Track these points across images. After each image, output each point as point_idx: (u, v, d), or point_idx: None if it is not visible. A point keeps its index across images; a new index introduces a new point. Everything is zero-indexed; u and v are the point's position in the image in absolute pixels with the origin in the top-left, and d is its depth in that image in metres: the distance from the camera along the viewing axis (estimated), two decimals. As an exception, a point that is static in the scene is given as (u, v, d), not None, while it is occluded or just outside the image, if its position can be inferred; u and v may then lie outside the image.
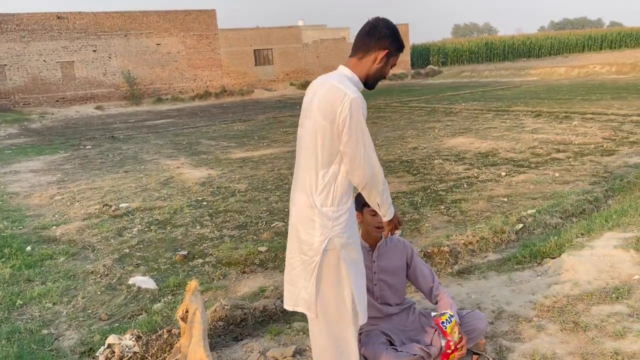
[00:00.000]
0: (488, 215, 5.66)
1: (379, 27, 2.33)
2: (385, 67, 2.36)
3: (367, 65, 2.34)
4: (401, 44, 2.38)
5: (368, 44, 2.32)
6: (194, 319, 2.92)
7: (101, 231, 6.13)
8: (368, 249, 2.78)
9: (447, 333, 2.48)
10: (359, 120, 2.19)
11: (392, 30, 2.34)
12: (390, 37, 2.33)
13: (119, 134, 16.43)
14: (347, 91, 2.20)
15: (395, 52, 2.35)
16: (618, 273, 3.52)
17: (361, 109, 2.20)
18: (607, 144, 9.00)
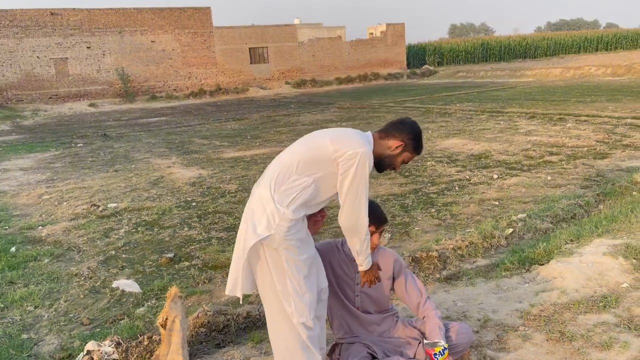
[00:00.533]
0: (478, 219, 5.62)
1: (406, 123, 2.56)
2: (396, 158, 2.54)
3: (383, 146, 2.51)
4: (419, 146, 2.58)
5: (391, 131, 2.53)
6: (173, 327, 2.85)
7: (88, 232, 6.05)
8: (352, 260, 2.71)
9: None
10: (364, 174, 2.35)
11: (415, 132, 2.55)
12: (410, 134, 2.53)
13: (111, 132, 16.32)
14: (363, 142, 2.38)
15: (411, 149, 2.55)
16: (606, 281, 3.47)
17: (368, 164, 2.35)
18: (600, 147, 8.98)
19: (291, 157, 2.43)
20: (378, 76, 36.28)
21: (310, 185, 2.35)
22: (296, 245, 2.36)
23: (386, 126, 2.56)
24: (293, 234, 2.35)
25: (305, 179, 2.36)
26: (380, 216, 2.60)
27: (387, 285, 2.74)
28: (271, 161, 2.60)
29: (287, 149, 2.56)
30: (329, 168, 2.36)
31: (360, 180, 2.34)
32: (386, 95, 23.97)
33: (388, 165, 2.55)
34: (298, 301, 2.37)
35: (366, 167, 2.33)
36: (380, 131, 2.55)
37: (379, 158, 2.50)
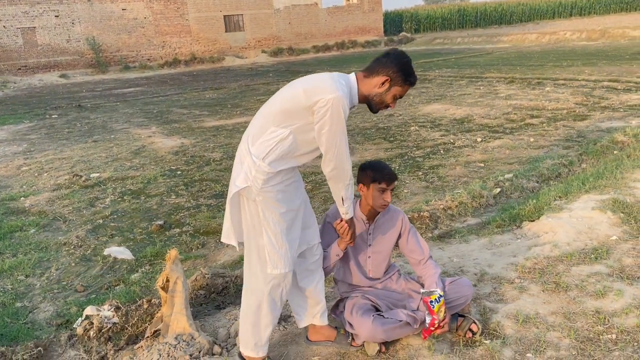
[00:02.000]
0: (466, 180, 5.68)
1: (390, 55, 2.40)
2: (385, 95, 2.39)
3: (369, 85, 2.39)
4: (408, 77, 2.39)
5: (375, 67, 2.39)
6: (175, 288, 2.85)
7: (72, 202, 5.96)
8: (365, 222, 2.73)
9: (434, 312, 2.46)
10: (339, 119, 2.25)
11: (402, 63, 2.37)
12: (396, 67, 2.36)
13: (86, 103, 15.94)
14: (336, 87, 2.26)
15: (400, 83, 2.38)
16: (596, 234, 3.57)
17: (342, 109, 2.24)
18: (579, 109, 9.10)
19: (269, 109, 2.39)
20: (355, 44, 35.94)
21: (287, 137, 2.31)
22: (275, 198, 2.36)
23: (371, 63, 2.41)
24: (272, 187, 2.34)
25: (282, 130, 2.31)
26: (390, 173, 2.61)
27: (394, 242, 2.78)
28: None
29: (267, 101, 2.51)
30: (305, 118, 2.30)
31: (336, 126, 2.26)
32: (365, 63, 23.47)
33: (378, 104, 2.42)
34: (272, 252, 2.38)
35: (340, 112, 2.24)
36: (365, 69, 2.42)
37: (366, 99, 2.41)
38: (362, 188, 2.66)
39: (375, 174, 2.60)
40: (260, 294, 2.47)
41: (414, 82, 2.43)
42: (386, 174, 2.60)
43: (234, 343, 2.80)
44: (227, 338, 2.87)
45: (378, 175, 2.59)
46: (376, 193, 2.59)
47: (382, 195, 2.58)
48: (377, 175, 2.59)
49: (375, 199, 2.60)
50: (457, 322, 2.64)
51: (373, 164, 2.69)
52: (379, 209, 2.63)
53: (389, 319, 2.52)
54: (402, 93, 2.42)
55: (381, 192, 2.58)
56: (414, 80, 2.42)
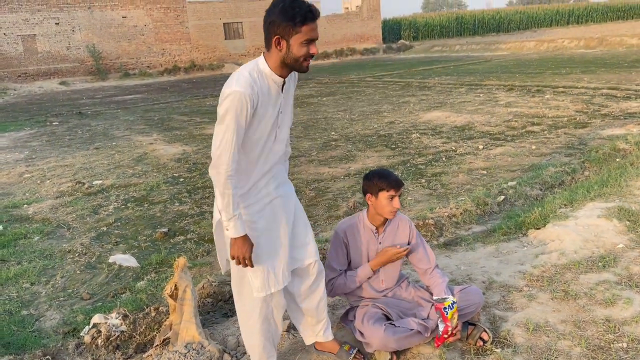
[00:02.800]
0: (469, 187, 5.70)
1: (265, 15, 2.13)
2: (292, 50, 2.11)
3: (274, 55, 2.15)
4: (293, 15, 2.05)
5: (265, 32, 2.15)
6: (184, 297, 2.84)
7: (75, 209, 5.95)
8: (374, 231, 2.74)
9: (448, 319, 2.46)
10: (231, 114, 2.06)
11: (277, 10, 2.07)
12: (275, 18, 2.07)
13: (86, 110, 15.95)
14: (236, 81, 2.10)
15: (292, 31, 2.07)
16: (603, 242, 3.58)
17: (239, 104, 2.05)
18: (579, 117, 9.14)
19: None
20: (354, 51, 36.07)
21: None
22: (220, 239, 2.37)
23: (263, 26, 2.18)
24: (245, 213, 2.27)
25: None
26: (397, 179, 2.62)
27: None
28: None
29: None
30: None
31: (224, 119, 2.07)
32: (364, 70, 23.89)
33: (296, 64, 2.13)
34: (254, 277, 2.33)
35: (233, 107, 2.04)
36: (265, 43, 2.18)
37: (285, 66, 2.15)
38: (370, 198, 2.66)
39: (382, 182, 2.60)
40: (253, 318, 2.45)
41: (307, 18, 2.07)
42: (393, 180, 2.61)
43: (244, 351, 2.80)
44: (237, 346, 2.86)
45: (385, 183, 2.60)
46: (385, 201, 2.60)
47: (392, 202, 2.59)
48: (384, 183, 2.60)
49: (385, 207, 2.61)
50: (467, 331, 2.64)
51: (377, 172, 2.69)
52: (389, 215, 2.64)
53: (401, 327, 2.52)
54: (308, 36, 2.09)
55: (390, 199, 2.59)
56: (303, 17, 2.05)
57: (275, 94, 2.22)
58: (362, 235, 2.71)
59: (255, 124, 2.18)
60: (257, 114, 2.16)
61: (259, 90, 2.12)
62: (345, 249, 2.72)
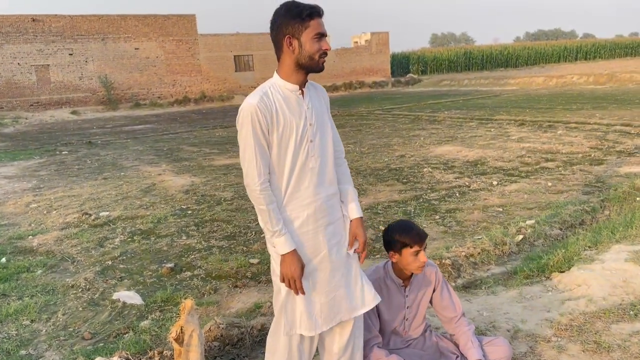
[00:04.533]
0: (485, 225, 5.52)
1: (271, 24, 2.12)
2: (305, 48, 2.07)
3: (287, 60, 2.12)
4: (299, 12, 2.04)
5: (274, 42, 2.15)
6: (190, 342, 2.67)
7: (81, 241, 5.82)
8: (401, 285, 2.57)
9: None
10: (245, 128, 2.10)
11: (281, 11, 2.07)
12: (282, 20, 2.07)
13: (96, 140, 16.00)
14: (249, 97, 2.13)
15: (300, 28, 2.05)
16: (632, 288, 3.38)
17: (248, 116, 2.07)
18: (594, 153, 8.99)
19: None
20: (363, 84, 36.36)
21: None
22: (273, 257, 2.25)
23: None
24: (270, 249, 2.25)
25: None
26: (420, 233, 2.43)
27: (429, 299, 2.61)
28: None
29: None
30: None
31: (241, 134, 2.11)
32: (373, 103, 23.97)
33: (310, 62, 2.10)
34: (288, 312, 2.24)
35: (247, 120, 2.06)
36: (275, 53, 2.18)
37: (300, 67, 2.12)
38: (393, 255, 2.48)
39: (404, 238, 2.40)
40: (277, 355, 2.30)
41: (314, 13, 2.05)
42: (415, 234, 2.41)
43: (253, 403, 2.61)
44: (246, 397, 2.67)
45: (407, 238, 2.40)
46: (410, 257, 2.41)
47: (417, 257, 2.41)
48: (407, 240, 2.40)
49: (411, 264, 2.43)
50: (495, 386, 2.45)
51: (397, 226, 2.49)
52: (416, 271, 2.46)
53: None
54: (317, 30, 2.06)
55: (415, 255, 2.41)
56: (309, 12, 2.04)
57: (296, 103, 2.16)
58: (391, 290, 2.54)
59: (278, 135, 2.12)
60: (278, 123, 2.11)
61: (273, 99, 2.12)
62: (376, 306, 2.54)
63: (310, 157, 2.18)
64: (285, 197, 2.19)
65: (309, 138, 2.18)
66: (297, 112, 2.15)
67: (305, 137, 2.17)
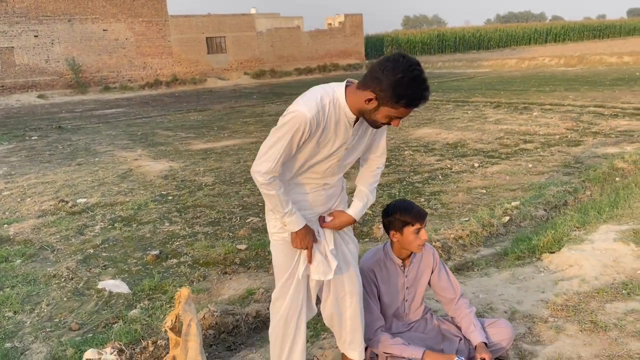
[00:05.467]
0: (470, 207, 5.56)
1: (385, 65, 1.94)
2: (374, 114, 2.01)
3: (358, 99, 2.02)
4: (401, 99, 1.92)
5: (367, 77, 2.00)
6: (189, 331, 2.61)
7: (59, 229, 5.65)
8: (400, 265, 2.56)
9: None
10: (285, 128, 2.05)
11: (395, 80, 1.90)
12: (386, 83, 1.91)
13: (66, 124, 15.55)
14: (302, 103, 2.06)
15: (389, 103, 1.94)
16: (623, 268, 3.44)
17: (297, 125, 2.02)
18: (571, 135, 9.13)
19: None
20: (337, 67, 36.18)
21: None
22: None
23: (368, 69, 2.03)
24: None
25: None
26: (420, 212, 2.44)
27: (428, 280, 2.60)
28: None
29: None
30: None
31: (279, 131, 2.06)
32: (348, 86, 23.84)
33: (371, 122, 2.07)
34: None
35: (293, 127, 2.01)
36: (361, 78, 2.04)
37: (360, 113, 2.06)
38: (394, 235, 2.47)
39: (405, 217, 2.42)
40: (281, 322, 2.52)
41: (412, 104, 1.96)
42: (416, 213, 2.43)
43: (255, 392, 2.57)
44: (247, 386, 2.63)
45: (409, 217, 2.42)
46: (412, 236, 2.41)
47: (418, 235, 2.41)
48: (408, 218, 2.41)
49: (412, 242, 2.43)
50: (499, 368, 2.46)
51: (398, 205, 2.49)
52: (417, 250, 2.46)
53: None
54: (399, 115, 1.99)
55: (416, 233, 2.41)
56: (409, 101, 1.94)
57: (344, 128, 2.12)
58: (390, 271, 2.52)
59: (312, 145, 2.12)
60: (319, 137, 2.09)
61: (326, 118, 2.05)
62: (376, 288, 2.52)
63: (328, 169, 2.25)
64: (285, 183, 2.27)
65: (338, 157, 2.22)
66: (342, 135, 2.15)
67: (336, 156, 2.20)
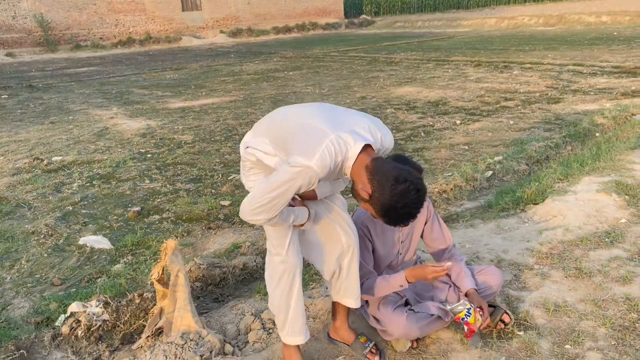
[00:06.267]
0: (453, 163, 5.57)
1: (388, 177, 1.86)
2: (360, 202, 1.98)
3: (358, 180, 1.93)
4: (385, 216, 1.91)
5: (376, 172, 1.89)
6: (176, 282, 2.58)
7: (36, 187, 5.51)
8: None
9: (472, 324, 2.24)
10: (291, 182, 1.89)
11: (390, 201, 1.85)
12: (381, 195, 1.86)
13: (37, 83, 15.04)
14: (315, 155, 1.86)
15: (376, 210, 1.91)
16: (605, 217, 3.49)
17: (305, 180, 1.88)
18: (551, 92, 9.16)
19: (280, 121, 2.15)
20: (316, 26, 35.50)
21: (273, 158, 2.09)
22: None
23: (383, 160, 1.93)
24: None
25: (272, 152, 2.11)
26: (416, 165, 2.35)
27: (421, 231, 2.58)
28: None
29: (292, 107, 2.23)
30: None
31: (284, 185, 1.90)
32: (328, 45, 23.49)
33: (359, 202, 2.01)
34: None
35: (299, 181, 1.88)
36: (373, 160, 1.90)
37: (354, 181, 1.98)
38: None
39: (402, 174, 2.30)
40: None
41: (393, 224, 1.95)
42: (409, 165, 2.26)
43: (245, 340, 2.56)
44: (237, 335, 2.62)
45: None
46: None
47: None
48: None
49: None
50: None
51: (393, 158, 2.36)
52: None
53: (422, 313, 2.32)
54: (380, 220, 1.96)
55: None
56: (391, 222, 1.93)
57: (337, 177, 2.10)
58: (384, 225, 2.47)
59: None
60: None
61: (330, 172, 1.93)
62: (370, 243, 2.48)
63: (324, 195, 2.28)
64: None
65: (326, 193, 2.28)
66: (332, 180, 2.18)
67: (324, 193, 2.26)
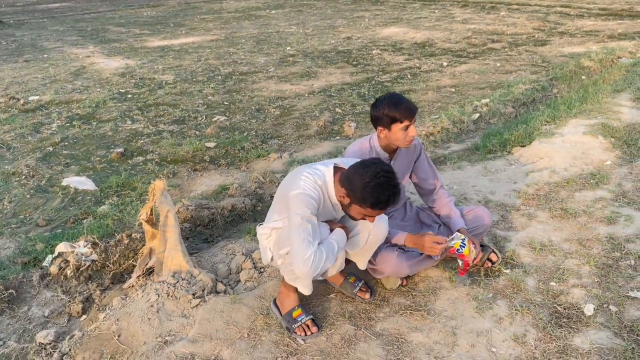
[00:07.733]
0: (440, 105, 5.53)
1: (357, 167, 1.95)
2: (348, 209, 2.02)
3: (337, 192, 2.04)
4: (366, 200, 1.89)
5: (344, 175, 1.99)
6: (166, 222, 2.56)
7: (13, 127, 5.35)
8: (386, 159, 2.44)
9: (466, 255, 2.26)
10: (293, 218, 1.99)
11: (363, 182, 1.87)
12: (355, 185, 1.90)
13: (7, 19, 14.38)
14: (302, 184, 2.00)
15: (359, 203, 1.93)
16: (591, 159, 3.53)
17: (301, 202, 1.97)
18: (538, 34, 9.07)
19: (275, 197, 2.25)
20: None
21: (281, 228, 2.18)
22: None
23: (348, 168, 1.99)
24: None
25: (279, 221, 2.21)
26: (410, 106, 2.27)
27: (410, 170, 2.57)
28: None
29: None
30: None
31: (296, 215, 1.96)
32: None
33: (349, 215, 2.08)
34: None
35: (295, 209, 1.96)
36: (342, 175, 2.01)
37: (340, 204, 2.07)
38: (382, 131, 2.32)
39: (394, 112, 2.24)
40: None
41: (377, 207, 1.91)
42: (405, 109, 2.24)
43: (237, 279, 2.58)
44: (229, 274, 2.64)
45: (397, 113, 2.23)
46: (400, 133, 2.27)
47: (407, 132, 2.28)
48: (397, 114, 2.24)
49: (400, 139, 2.30)
50: (475, 252, 2.52)
51: (386, 101, 2.29)
52: (405, 146, 2.34)
53: (412, 252, 2.35)
54: (369, 214, 1.96)
55: (405, 130, 2.27)
56: (374, 204, 1.90)
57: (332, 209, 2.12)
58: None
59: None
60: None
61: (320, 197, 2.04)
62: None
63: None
64: None
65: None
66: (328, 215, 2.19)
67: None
